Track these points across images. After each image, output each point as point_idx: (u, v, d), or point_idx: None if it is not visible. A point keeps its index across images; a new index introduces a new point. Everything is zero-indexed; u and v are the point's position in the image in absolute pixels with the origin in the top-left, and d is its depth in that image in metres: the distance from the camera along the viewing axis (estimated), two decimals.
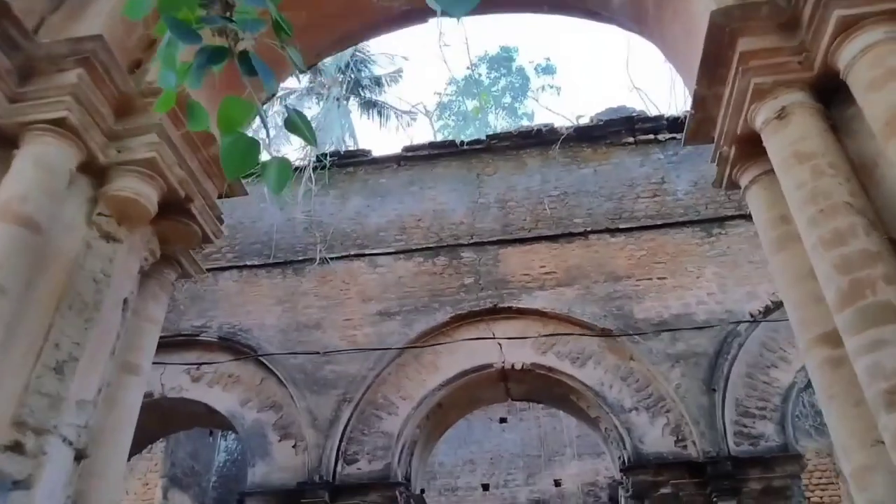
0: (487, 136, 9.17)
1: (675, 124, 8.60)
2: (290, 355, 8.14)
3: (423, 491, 8.19)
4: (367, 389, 7.72)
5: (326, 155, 9.43)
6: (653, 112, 8.78)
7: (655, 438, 6.94)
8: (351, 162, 9.43)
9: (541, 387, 7.77)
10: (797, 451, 6.60)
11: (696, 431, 6.80)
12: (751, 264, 7.57)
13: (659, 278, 7.71)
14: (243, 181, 4.98)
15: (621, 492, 7.13)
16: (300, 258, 8.79)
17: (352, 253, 8.68)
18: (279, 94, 23.61)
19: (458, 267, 8.35)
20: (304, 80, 23.69)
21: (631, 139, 8.66)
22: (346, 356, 8.01)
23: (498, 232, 8.46)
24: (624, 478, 6.91)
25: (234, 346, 8.31)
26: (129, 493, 12.21)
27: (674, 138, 8.56)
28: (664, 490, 6.62)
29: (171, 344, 8.41)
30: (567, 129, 8.87)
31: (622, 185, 8.45)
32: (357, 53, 23.53)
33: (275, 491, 7.30)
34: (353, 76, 23.60)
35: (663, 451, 6.86)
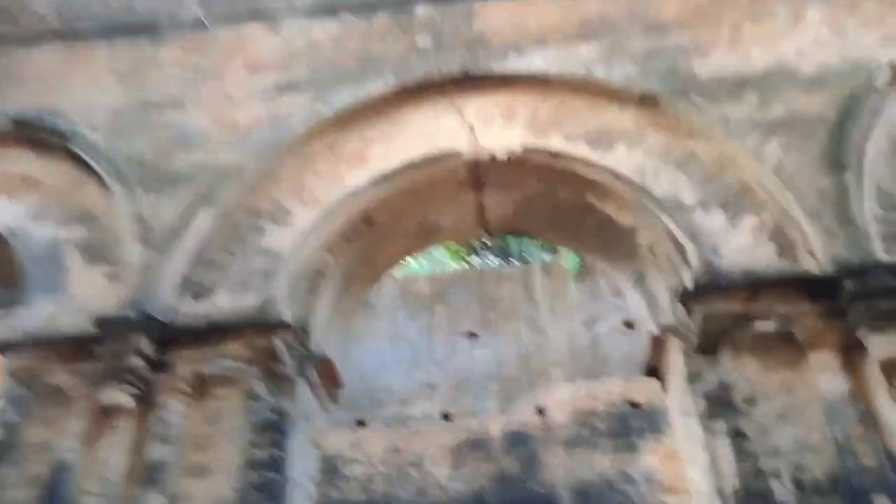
0: None
1: None
2: (124, 144, 4.93)
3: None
4: (245, 188, 4.58)
5: None
6: None
7: (741, 248, 3.94)
8: None
9: (537, 194, 4.71)
10: None
11: (813, 232, 3.84)
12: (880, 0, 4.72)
13: (732, 25, 4.78)
14: None
15: (673, 343, 4.10)
16: (163, 21, 5.60)
17: (242, 13, 5.53)
18: None
19: (406, 27, 5.25)
20: None
21: None
22: (214, 142, 4.84)
23: None
24: (684, 313, 3.89)
25: (36, 137, 5.07)
26: None
27: None
28: (762, 326, 3.63)
29: None
30: None
31: None
32: None
33: (59, 340, 4.06)
34: None
35: (757, 266, 3.88)
